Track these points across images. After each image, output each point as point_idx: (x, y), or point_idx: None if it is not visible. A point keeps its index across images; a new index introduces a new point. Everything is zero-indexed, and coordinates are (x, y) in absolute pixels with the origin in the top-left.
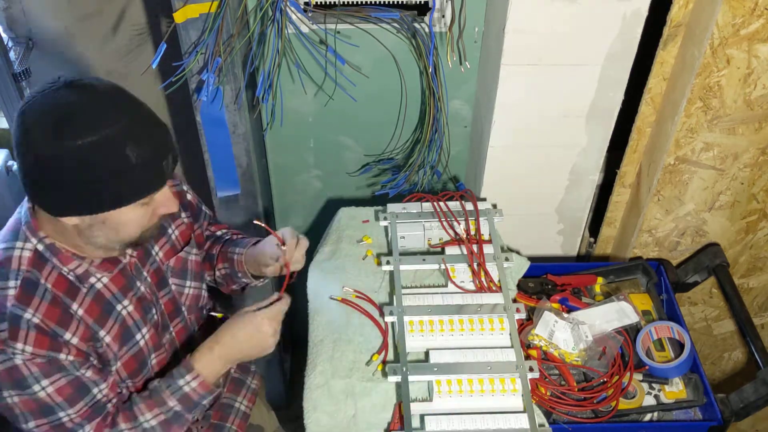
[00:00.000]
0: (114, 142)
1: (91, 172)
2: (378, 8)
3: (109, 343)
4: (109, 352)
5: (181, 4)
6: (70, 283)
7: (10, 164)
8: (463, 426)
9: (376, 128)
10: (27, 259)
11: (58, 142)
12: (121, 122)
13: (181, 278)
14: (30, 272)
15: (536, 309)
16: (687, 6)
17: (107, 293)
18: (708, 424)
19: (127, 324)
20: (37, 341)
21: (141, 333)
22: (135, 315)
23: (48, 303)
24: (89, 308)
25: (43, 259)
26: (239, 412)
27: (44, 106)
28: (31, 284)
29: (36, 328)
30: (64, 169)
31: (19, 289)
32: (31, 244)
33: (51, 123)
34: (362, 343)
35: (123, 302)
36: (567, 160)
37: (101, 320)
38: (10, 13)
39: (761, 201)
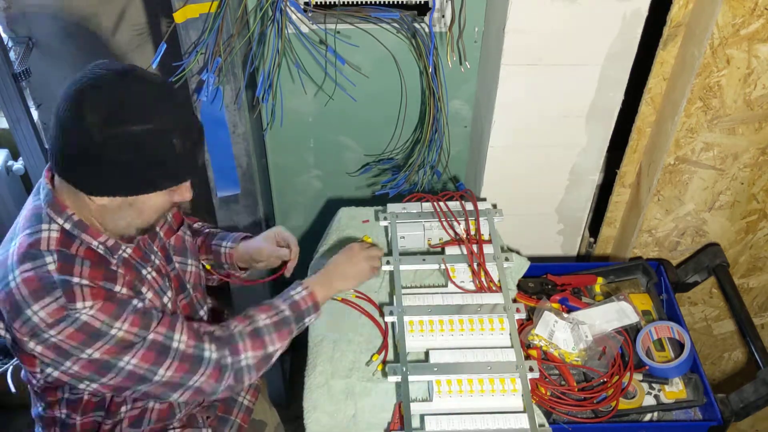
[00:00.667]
0: (164, 131)
1: (138, 157)
2: (378, 8)
3: (152, 298)
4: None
5: (181, 4)
6: (100, 256)
7: (10, 164)
8: (463, 426)
9: (376, 128)
10: (55, 239)
11: (113, 127)
12: (171, 113)
13: (182, 256)
14: (60, 250)
15: (536, 309)
16: (687, 6)
17: (133, 260)
18: (708, 424)
19: (154, 287)
20: (92, 294)
21: (167, 296)
22: (158, 280)
23: (89, 267)
24: (125, 272)
25: (71, 237)
26: (242, 407)
27: (101, 90)
28: (68, 257)
29: (89, 288)
30: (113, 152)
31: (58, 263)
32: (57, 224)
33: (110, 107)
34: (362, 343)
35: (147, 268)
36: (567, 160)
37: (138, 281)
38: (10, 13)
39: (761, 201)
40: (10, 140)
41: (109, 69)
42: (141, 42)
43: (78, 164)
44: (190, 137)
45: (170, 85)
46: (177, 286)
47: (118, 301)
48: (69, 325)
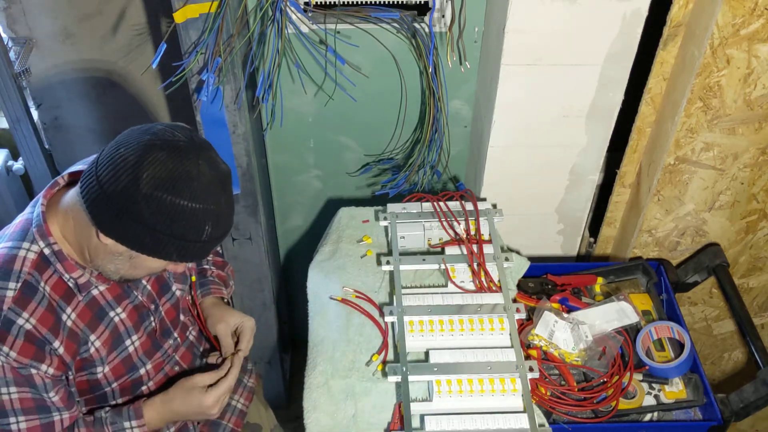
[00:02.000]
0: (204, 217)
1: (168, 227)
2: (378, 8)
3: (99, 347)
4: (96, 356)
5: (181, 4)
6: (68, 288)
7: (10, 164)
8: (463, 426)
9: (376, 128)
10: (31, 261)
11: (163, 191)
12: (218, 204)
13: (183, 282)
14: (31, 275)
15: (536, 309)
16: (687, 6)
17: (102, 300)
18: (708, 424)
19: (118, 330)
20: (23, 349)
21: (131, 339)
22: (127, 322)
23: (44, 309)
24: (82, 313)
25: (47, 262)
26: (236, 410)
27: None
28: (30, 288)
29: (25, 336)
30: (149, 211)
31: (18, 292)
32: (37, 246)
33: (170, 173)
34: (362, 343)
35: (116, 309)
36: (567, 160)
37: (92, 325)
38: (10, 13)
39: (761, 201)
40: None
41: (188, 138)
42: (141, 42)
43: (109, 203)
44: (221, 230)
45: (228, 175)
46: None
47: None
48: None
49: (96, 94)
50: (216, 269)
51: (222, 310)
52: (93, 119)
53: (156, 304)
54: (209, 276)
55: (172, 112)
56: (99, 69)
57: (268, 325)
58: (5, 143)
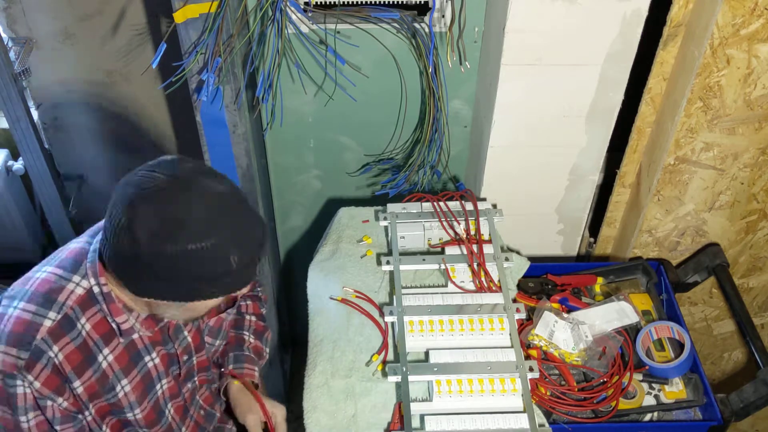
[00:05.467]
0: (221, 249)
1: (193, 273)
2: (378, 8)
3: (128, 392)
4: (124, 401)
5: (181, 4)
6: (110, 329)
7: (10, 164)
8: (463, 426)
9: (376, 128)
10: (77, 296)
11: (167, 244)
12: (231, 229)
13: (214, 337)
14: (73, 310)
15: (536, 309)
16: (687, 6)
17: (140, 344)
18: (708, 424)
19: (151, 375)
20: (47, 380)
21: (161, 383)
22: (160, 367)
23: (75, 347)
24: (119, 356)
25: (94, 300)
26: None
27: (156, 203)
28: (69, 323)
29: (52, 368)
30: (164, 266)
31: (56, 323)
32: (87, 282)
33: (163, 225)
34: (362, 343)
35: (151, 354)
36: (567, 160)
37: (127, 369)
38: (10, 13)
39: (761, 201)
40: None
41: (169, 175)
42: (141, 42)
43: (126, 268)
44: (250, 250)
45: (234, 194)
46: (204, 366)
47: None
48: (4, 385)
49: (96, 94)
50: (254, 338)
51: (250, 399)
52: (93, 119)
53: (191, 355)
54: (245, 349)
55: (172, 112)
56: (99, 69)
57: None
58: (5, 143)
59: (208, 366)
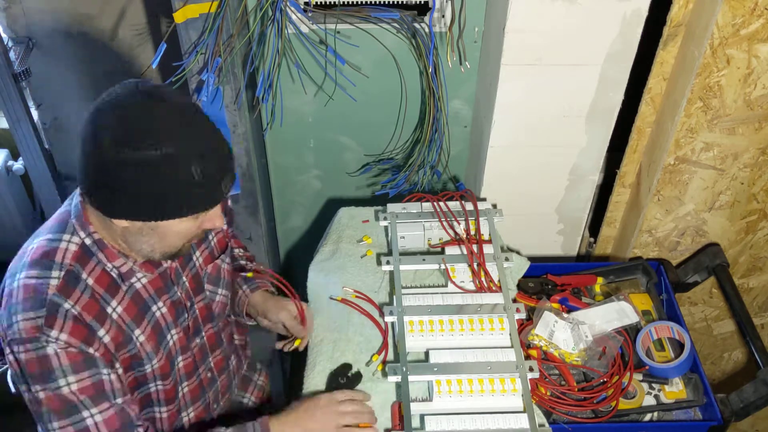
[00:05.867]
0: (184, 157)
1: (156, 183)
2: (378, 8)
3: (143, 342)
4: (142, 352)
5: (181, 4)
6: (112, 279)
7: (10, 164)
8: (463, 426)
9: (376, 128)
10: (72, 252)
11: (129, 150)
12: (192, 138)
13: (215, 285)
14: (73, 266)
15: (536, 309)
16: (687, 6)
17: (145, 293)
18: (708, 424)
19: (160, 325)
20: (73, 330)
21: (171, 334)
22: (168, 317)
23: (88, 297)
24: (128, 307)
25: (89, 253)
26: (248, 408)
27: (120, 110)
28: (73, 277)
29: (73, 318)
30: (130, 176)
31: (61, 280)
32: (78, 237)
33: (125, 130)
34: (362, 343)
35: (158, 303)
36: (567, 160)
37: (138, 319)
38: (10, 13)
39: (761, 201)
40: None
41: (131, 89)
42: (141, 42)
43: (96, 186)
44: (213, 164)
45: (195, 109)
46: (205, 315)
47: (87, 356)
48: (34, 350)
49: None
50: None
51: (278, 300)
52: None
53: (192, 301)
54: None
55: None
56: (99, 69)
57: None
58: (5, 143)
59: (209, 316)
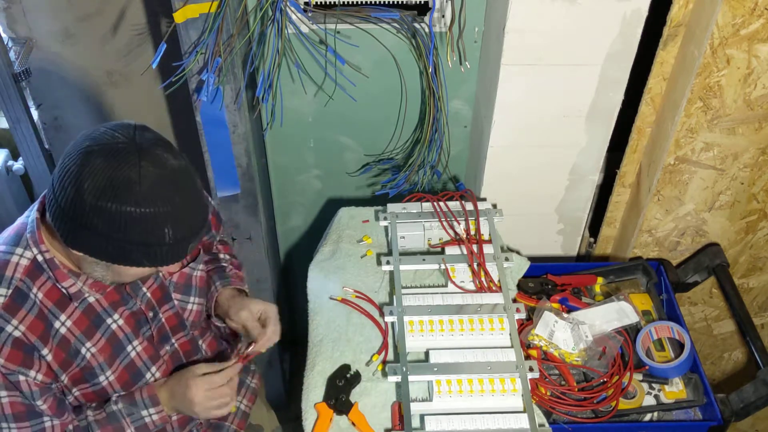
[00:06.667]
0: (159, 219)
1: (124, 235)
2: (378, 8)
3: (95, 354)
4: (93, 362)
5: (181, 4)
6: (62, 295)
7: (10, 164)
8: (463, 426)
9: (376, 128)
10: (23, 267)
11: (108, 202)
12: (173, 204)
13: (184, 294)
14: (23, 281)
15: (536, 309)
16: (687, 6)
17: (98, 307)
18: (708, 424)
19: (117, 337)
20: (10, 356)
21: (132, 345)
22: (126, 328)
23: (34, 317)
24: (78, 320)
25: (40, 269)
26: (239, 411)
27: (110, 161)
28: (21, 295)
29: (13, 344)
30: (102, 223)
31: (8, 299)
32: (30, 252)
33: (110, 182)
34: (362, 343)
35: (113, 316)
36: (567, 160)
37: (88, 332)
38: (10, 13)
39: (761, 201)
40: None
41: (128, 138)
42: (141, 42)
43: (64, 216)
44: (186, 228)
45: (185, 172)
46: (174, 324)
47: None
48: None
49: (96, 94)
50: (233, 268)
51: (243, 299)
52: (93, 119)
53: (155, 311)
54: (228, 272)
55: (172, 113)
56: (99, 69)
57: None
58: (5, 143)
59: (181, 324)
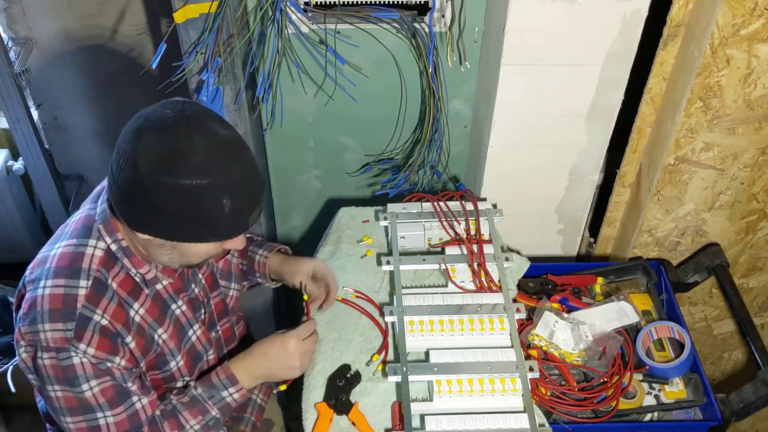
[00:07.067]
0: (216, 190)
1: (185, 210)
2: (378, 8)
3: (166, 340)
4: (165, 349)
5: (181, 4)
6: (135, 284)
7: (10, 164)
8: (463, 426)
9: (376, 128)
10: (99, 258)
11: (165, 176)
12: (229, 173)
13: (227, 280)
14: (100, 272)
15: (536, 309)
16: (687, 6)
17: (165, 294)
18: (708, 424)
19: (180, 322)
20: (100, 344)
21: (193, 330)
22: (188, 313)
23: (116, 305)
24: (150, 308)
25: (114, 258)
26: (256, 405)
27: (163, 136)
28: (101, 285)
29: (101, 332)
30: (161, 199)
31: (90, 289)
32: (104, 243)
33: (165, 157)
34: (362, 343)
35: (177, 302)
36: (567, 160)
37: (160, 320)
38: (10, 13)
39: (761, 201)
40: (10, 140)
41: (178, 113)
42: (141, 42)
43: (125, 198)
44: (244, 198)
45: (237, 142)
46: (220, 310)
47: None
48: (60, 359)
49: (96, 94)
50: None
51: (291, 263)
52: (93, 119)
53: (208, 297)
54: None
55: None
56: (99, 69)
57: (268, 325)
58: (5, 143)
59: (225, 310)
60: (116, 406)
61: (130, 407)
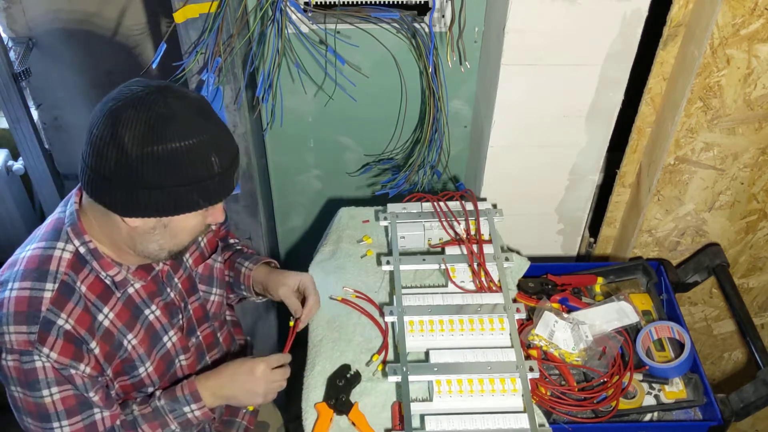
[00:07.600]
0: (204, 148)
1: (176, 176)
2: (378, 8)
3: (135, 346)
4: (134, 354)
5: (181, 4)
6: (105, 287)
7: (10, 164)
8: (463, 426)
9: (376, 128)
10: (66, 261)
11: (153, 145)
12: (209, 131)
13: (208, 285)
14: (67, 275)
15: (536, 309)
16: (687, 6)
17: (137, 298)
18: (708, 424)
19: (154, 327)
20: (63, 349)
21: (168, 335)
22: (162, 319)
23: (81, 310)
24: (120, 313)
25: (83, 261)
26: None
27: (140, 107)
28: (67, 289)
29: (65, 336)
30: (152, 170)
31: (55, 292)
32: (72, 245)
33: (148, 125)
34: (362, 343)
35: (150, 307)
36: (567, 160)
37: (130, 324)
38: (10, 13)
39: (761, 201)
40: (10, 140)
41: (144, 86)
42: (141, 42)
43: (113, 185)
44: (227, 155)
45: (205, 101)
46: (200, 316)
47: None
48: (23, 362)
49: (96, 94)
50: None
51: (278, 275)
52: None
53: (185, 301)
54: (249, 253)
55: None
56: (99, 69)
57: (268, 325)
58: (5, 143)
59: (205, 316)
60: (74, 415)
61: (87, 418)
